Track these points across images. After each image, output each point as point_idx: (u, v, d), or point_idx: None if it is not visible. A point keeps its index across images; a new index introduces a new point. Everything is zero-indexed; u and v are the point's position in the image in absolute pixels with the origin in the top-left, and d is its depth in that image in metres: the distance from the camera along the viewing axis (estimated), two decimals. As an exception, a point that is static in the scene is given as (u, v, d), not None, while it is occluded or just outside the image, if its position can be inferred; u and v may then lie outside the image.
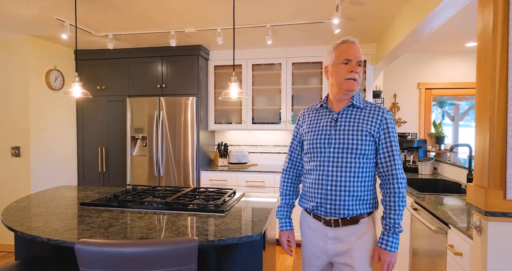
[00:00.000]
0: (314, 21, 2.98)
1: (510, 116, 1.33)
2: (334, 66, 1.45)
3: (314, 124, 1.51)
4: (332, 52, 1.47)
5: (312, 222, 1.49)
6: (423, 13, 2.19)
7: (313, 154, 1.47)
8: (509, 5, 1.33)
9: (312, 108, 1.60)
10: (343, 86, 1.43)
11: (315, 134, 1.48)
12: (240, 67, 3.94)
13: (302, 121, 1.58)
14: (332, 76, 1.48)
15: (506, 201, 1.32)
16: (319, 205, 1.44)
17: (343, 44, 1.45)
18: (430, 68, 4.28)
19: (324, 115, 1.51)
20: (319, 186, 1.43)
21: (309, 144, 1.48)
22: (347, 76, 1.41)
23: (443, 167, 3.29)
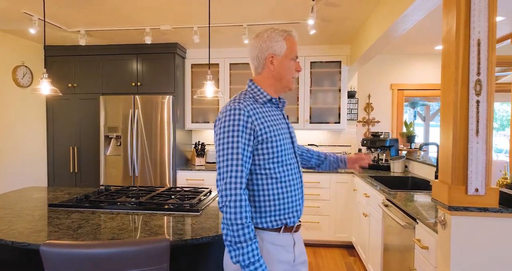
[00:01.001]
0: (290, 22, 3.02)
1: (471, 116, 1.40)
2: (286, 60, 1.29)
3: (273, 123, 1.26)
4: (283, 42, 1.29)
5: (280, 238, 1.24)
6: (394, 16, 2.26)
7: (286, 158, 1.26)
8: (471, 10, 1.40)
9: (253, 102, 1.26)
10: (289, 84, 1.33)
11: (281, 134, 1.26)
12: (217, 66, 3.92)
13: (255, 122, 1.20)
14: (281, 69, 1.29)
15: (468, 196, 1.39)
16: (295, 215, 1.27)
17: (292, 37, 1.32)
18: (402, 69, 4.42)
19: (273, 111, 1.31)
20: (294, 193, 1.27)
21: (281, 148, 1.24)
22: (295, 74, 1.33)
23: (413, 165, 3.42)
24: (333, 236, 3.52)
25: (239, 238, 1.09)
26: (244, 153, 1.16)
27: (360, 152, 4.12)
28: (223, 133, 1.16)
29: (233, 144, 1.14)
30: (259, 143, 1.20)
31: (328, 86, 3.88)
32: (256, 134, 1.19)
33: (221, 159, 1.16)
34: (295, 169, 1.29)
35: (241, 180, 1.13)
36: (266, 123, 1.22)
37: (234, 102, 1.22)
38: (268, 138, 1.21)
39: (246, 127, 1.17)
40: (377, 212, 2.56)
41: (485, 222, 1.40)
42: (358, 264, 3.13)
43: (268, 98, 1.30)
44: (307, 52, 3.84)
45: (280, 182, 1.23)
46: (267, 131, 1.21)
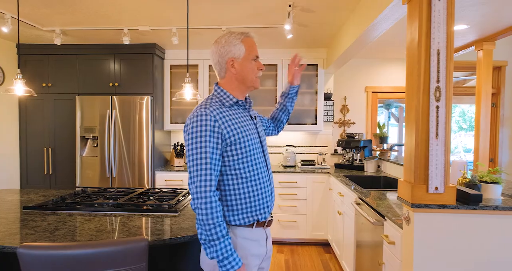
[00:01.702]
0: (268, 26, 3.09)
1: (432, 120, 1.52)
2: (246, 61, 1.34)
3: (240, 124, 1.31)
4: (240, 45, 1.33)
5: (254, 233, 1.32)
6: (365, 24, 2.38)
7: (254, 158, 1.32)
8: (431, 22, 1.51)
9: (220, 106, 1.31)
10: (254, 84, 1.37)
11: (249, 134, 1.31)
12: (196, 67, 3.94)
13: (222, 126, 1.24)
14: (243, 71, 1.35)
15: (428, 194, 1.51)
16: (266, 211, 1.35)
17: (249, 38, 1.37)
18: (376, 73, 4.60)
19: (240, 112, 1.36)
20: (263, 190, 1.33)
21: (249, 148, 1.30)
22: (258, 74, 1.38)
23: (385, 165, 3.57)
24: (310, 234, 3.63)
25: (212, 236, 1.17)
26: (212, 157, 1.22)
27: (336, 152, 4.26)
28: (192, 139, 1.22)
29: (201, 149, 1.21)
30: (228, 146, 1.26)
31: (305, 88, 3.98)
32: (224, 137, 1.24)
33: (191, 163, 1.22)
34: (263, 167, 1.35)
35: (211, 183, 1.20)
36: (233, 126, 1.28)
37: (201, 108, 1.27)
38: (236, 140, 1.26)
39: (214, 131, 1.22)
40: (350, 210, 2.67)
41: (444, 217, 1.52)
42: (333, 260, 3.25)
43: (234, 101, 1.35)
44: (285, 55, 3.93)
45: (249, 181, 1.30)
46: (235, 134, 1.27)
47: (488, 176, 1.74)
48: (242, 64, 1.34)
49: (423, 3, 1.52)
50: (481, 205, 1.50)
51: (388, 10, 2.01)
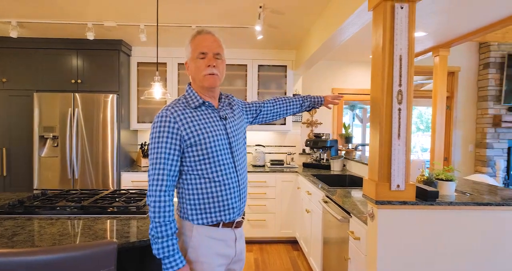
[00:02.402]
0: (238, 26, 3.10)
1: (394, 121, 1.61)
2: (191, 62, 1.34)
3: (204, 126, 1.30)
4: (189, 46, 1.34)
5: (220, 233, 1.32)
6: (333, 28, 2.46)
7: (220, 159, 1.30)
8: (394, 29, 1.60)
9: (185, 107, 1.31)
10: (203, 83, 1.33)
11: (213, 135, 1.30)
12: (164, 65, 3.86)
13: (182, 127, 1.26)
14: (191, 72, 1.36)
15: (391, 191, 1.60)
16: (232, 212, 1.34)
17: (197, 36, 1.34)
18: (342, 75, 4.76)
19: (207, 114, 1.34)
20: (229, 191, 1.32)
21: (213, 149, 1.29)
22: (205, 71, 1.31)
23: (351, 164, 3.72)
24: (279, 233, 3.69)
25: (158, 234, 1.22)
26: (168, 157, 1.25)
27: (304, 152, 4.36)
28: (152, 139, 1.28)
29: (158, 149, 1.25)
30: (189, 147, 1.28)
31: (275, 89, 4.04)
32: (184, 138, 1.27)
33: (149, 162, 1.28)
34: (230, 169, 1.33)
35: (162, 183, 1.24)
36: (194, 127, 1.28)
37: (164, 109, 1.31)
38: (197, 141, 1.27)
39: (172, 132, 1.26)
40: (318, 208, 2.76)
41: (405, 213, 1.62)
42: (301, 257, 3.33)
43: (200, 102, 1.34)
44: (256, 55, 3.96)
45: (213, 181, 1.30)
46: (195, 135, 1.27)
47: (444, 174, 1.88)
48: (190, 64, 1.36)
49: (387, 11, 1.60)
50: (438, 201, 1.61)
51: (354, 16, 2.09)
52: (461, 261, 1.65)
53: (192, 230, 1.31)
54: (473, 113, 5.08)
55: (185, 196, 1.32)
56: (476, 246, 1.65)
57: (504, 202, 1.66)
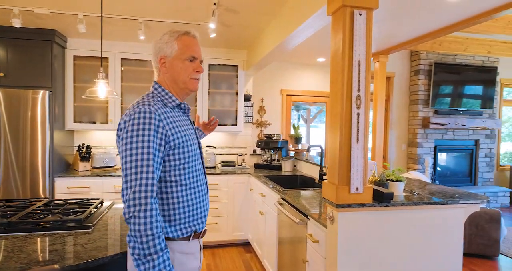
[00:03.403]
0: (190, 22, 2.95)
1: (353, 126, 1.64)
2: (177, 61, 1.24)
3: (182, 128, 1.22)
4: (174, 43, 1.25)
5: (190, 246, 1.23)
6: (289, 30, 2.46)
7: (194, 164, 1.24)
8: (353, 35, 1.63)
9: (163, 106, 1.21)
10: (188, 85, 1.26)
11: (190, 139, 1.23)
12: (106, 60, 3.54)
13: (167, 126, 1.15)
14: (173, 71, 1.25)
15: (351, 194, 1.63)
16: (203, 221, 1.28)
17: (186, 36, 1.27)
18: (290, 77, 4.85)
19: (181, 116, 1.29)
20: (201, 199, 1.26)
21: (190, 154, 1.22)
22: (193, 75, 1.27)
23: (301, 165, 3.79)
24: (231, 235, 3.62)
25: (149, 250, 1.02)
26: (155, 159, 1.09)
27: (255, 153, 4.34)
28: (131, 138, 1.07)
29: (143, 149, 1.07)
30: (171, 149, 1.15)
31: (226, 88, 3.95)
32: (168, 139, 1.13)
33: (128, 165, 1.06)
34: (201, 174, 1.29)
35: (152, 188, 1.06)
36: (177, 128, 1.19)
37: (143, 104, 1.14)
38: (180, 144, 1.17)
39: (158, 131, 1.10)
40: (272, 210, 2.75)
41: (363, 215, 1.66)
42: (255, 260, 3.30)
43: (177, 103, 1.27)
44: (206, 54, 3.83)
45: (189, 188, 1.21)
46: (179, 137, 1.17)
47: (394, 175, 1.98)
48: (172, 63, 1.25)
49: (346, 16, 1.63)
50: (392, 202, 1.69)
51: (311, 19, 2.10)
52: (413, 256, 1.75)
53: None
54: (406, 115, 5.55)
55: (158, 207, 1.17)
56: (426, 241, 1.76)
57: (447, 200, 1.80)
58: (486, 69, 5.42)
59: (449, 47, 4.61)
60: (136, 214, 1.02)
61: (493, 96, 5.48)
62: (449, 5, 2.52)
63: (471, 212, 1.84)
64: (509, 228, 4.31)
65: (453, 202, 1.80)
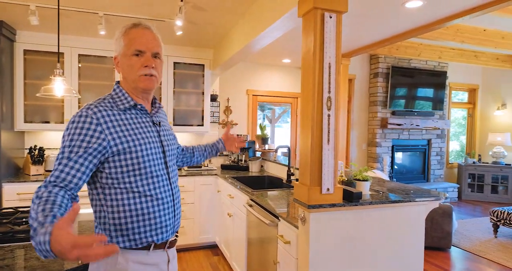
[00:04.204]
0: (154, 18, 2.84)
1: (324, 127, 1.67)
2: (124, 58, 1.15)
3: (134, 132, 1.13)
4: (121, 39, 1.15)
5: (151, 257, 1.15)
6: (258, 30, 2.45)
7: (152, 170, 1.14)
8: (324, 38, 1.66)
9: (112, 108, 1.13)
10: (138, 84, 1.16)
11: (145, 143, 1.14)
12: (62, 55, 3.29)
13: (107, 131, 1.07)
14: (123, 70, 1.17)
15: (322, 195, 1.65)
16: (166, 230, 1.18)
17: (134, 29, 1.15)
18: (256, 77, 4.86)
19: (138, 118, 1.18)
20: (162, 207, 1.16)
21: (144, 159, 1.12)
22: (141, 71, 1.14)
23: (268, 165, 3.81)
24: (198, 239, 3.54)
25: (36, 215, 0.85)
26: (78, 161, 1.02)
27: (222, 154, 4.29)
28: (64, 137, 1.06)
29: (70, 148, 1.03)
30: (114, 155, 1.08)
31: (191, 88, 3.86)
32: (109, 144, 1.06)
33: (56, 162, 1.03)
34: (164, 181, 1.18)
35: (56, 180, 0.98)
36: (122, 133, 1.10)
37: (87, 107, 1.09)
38: (125, 149, 1.09)
39: (93, 136, 1.05)
40: (241, 211, 2.72)
41: (334, 215, 1.69)
42: (223, 262, 3.25)
43: (131, 104, 1.16)
44: (171, 52, 3.71)
45: (144, 196, 1.12)
46: (123, 141, 1.09)
47: (361, 175, 2.04)
48: (121, 60, 1.17)
49: (317, 19, 1.65)
50: (361, 201, 1.74)
51: (281, 20, 2.11)
52: (381, 252, 1.81)
53: (116, 256, 1.09)
54: (366, 116, 5.79)
55: (107, 215, 1.09)
56: (392, 237, 1.84)
57: (409, 198, 1.89)
58: (437, 73, 5.83)
59: (405, 52, 4.88)
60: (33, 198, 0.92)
61: (443, 98, 5.90)
62: (407, 13, 2.66)
63: (431, 208, 1.95)
64: (459, 221, 4.66)
65: (415, 200, 1.89)
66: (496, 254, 3.45)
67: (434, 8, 2.55)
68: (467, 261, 3.28)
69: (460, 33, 4.02)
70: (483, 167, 5.95)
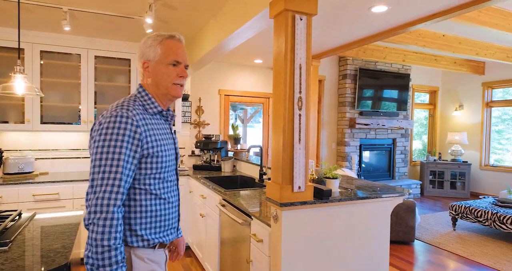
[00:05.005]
0: (123, 15, 2.76)
1: (296, 126, 1.71)
2: (160, 65, 1.20)
3: (160, 137, 1.18)
4: (157, 47, 1.21)
5: (156, 255, 1.18)
6: (229, 30, 2.45)
7: (167, 175, 1.21)
8: (295, 39, 1.69)
9: (143, 111, 1.16)
10: (170, 91, 1.21)
11: (167, 149, 1.19)
12: (22, 52, 3.11)
13: (144, 134, 1.10)
14: (155, 76, 1.21)
15: (293, 193, 1.69)
16: (172, 232, 1.24)
17: (170, 40, 1.22)
18: (228, 77, 4.85)
19: (161, 123, 1.24)
20: (172, 210, 1.23)
21: (165, 164, 1.17)
22: (176, 81, 1.21)
23: (240, 165, 3.82)
24: (169, 240, 3.47)
25: (104, 261, 0.97)
26: (126, 166, 1.05)
27: (194, 154, 4.24)
28: (104, 141, 1.04)
29: (114, 155, 1.02)
30: (144, 157, 1.12)
31: (162, 87, 3.78)
32: (143, 147, 1.10)
33: (96, 169, 1.03)
34: (174, 186, 1.26)
35: (117, 196, 1.02)
36: (154, 137, 1.15)
37: (122, 108, 1.09)
38: (154, 153, 1.14)
39: (134, 137, 1.07)
40: (214, 212, 2.71)
41: (305, 212, 1.73)
42: (195, 263, 3.22)
43: (158, 109, 1.23)
44: (140, 50, 3.61)
45: (158, 198, 1.18)
46: (154, 146, 1.14)
47: (330, 173, 2.11)
48: (155, 67, 1.21)
49: (288, 21, 1.68)
50: (331, 199, 1.79)
51: (253, 21, 2.13)
52: (350, 247, 1.88)
53: (130, 254, 1.12)
54: (335, 116, 5.97)
55: (124, 213, 1.12)
56: (361, 233, 1.91)
57: (376, 195, 1.97)
58: (401, 76, 6.11)
59: (371, 54, 5.08)
60: (95, 222, 0.98)
61: (406, 99, 6.20)
62: (374, 17, 2.78)
63: (396, 204, 2.05)
64: (422, 215, 4.92)
65: (381, 196, 1.98)
66: (455, 245, 3.68)
67: (398, 13, 2.68)
68: (429, 253, 3.47)
69: (422, 38, 4.24)
70: (443, 164, 6.32)
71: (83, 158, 3.64)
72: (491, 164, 6.27)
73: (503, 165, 6.12)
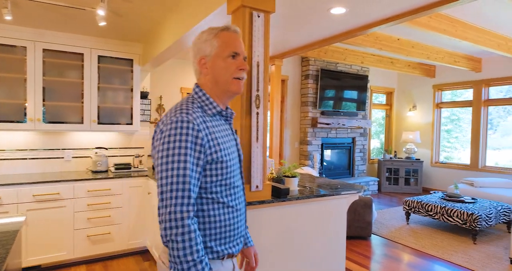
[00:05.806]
0: (74, 6, 2.59)
1: (253, 125, 1.69)
2: (217, 59, 1.10)
3: (222, 139, 1.09)
4: (213, 40, 1.11)
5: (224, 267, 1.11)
6: (188, 26, 2.39)
7: (234, 180, 1.11)
8: (252, 36, 1.68)
9: (202, 113, 1.07)
10: (230, 87, 1.11)
11: (231, 152, 1.10)
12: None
13: (206, 138, 1.02)
14: (214, 71, 1.11)
15: (251, 192, 1.67)
16: (240, 241, 1.15)
17: (226, 32, 1.12)
18: (190, 74, 4.75)
19: (222, 124, 1.14)
20: (240, 218, 1.14)
21: (231, 169, 1.09)
22: (236, 74, 1.11)
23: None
24: (127, 244, 3.33)
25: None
26: (192, 175, 0.98)
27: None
28: (167, 150, 0.97)
29: (179, 164, 0.95)
30: (208, 163, 1.03)
31: (119, 84, 3.61)
32: (206, 153, 1.02)
33: (163, 182, 0.95)
34: (240, 191, 1.17)
35: (188, 208, 0.95)
36: (217, 140, 1.06)
37: (181, 112, 1.01)
38: (219, 158, 1.05)
39: (196, 143, 0.99)
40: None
41: (264, 211, 1.72)
42: (154, 267, 3.11)
43: (218, 110, 1.13)
44: (96, 44, 3.42)
45: (227, 207, 1.09)
46: (217, 150, 1.05)
47: (289, 172, 2.12)
48: (213, 61, 1.11)
49: (245, 17, 1.66)
50: (288, 197, 1.80)
51: (211, 17, 2.08)
52: (309, 243, 1.90)
53: None
54: (298, 115, 6.06)
55: None
56: (318, 229, 1.94)
57: (333, 192, 2.01)
58: (360, 77, 6.35)
59: (332, 56, 5.21)
60: (173, 238, 0.92)
61: (365, 100, 6.45)
62: (332, 19, 2.84)
63: (352, 201, 2.10)
64: (378, 211, 5.14)
65: (338, 193, 2.02)
66: (408, 239, 3.88)
67: (356, 16, 2.76)
68: (385, 247, 3.63)
69: (379, 41, 4.43)
70: (398, 162, 6.66)
71: (29, 159, 3.37)
72: (440, 161, 6.71)
73: (452, 162, 6.57)
